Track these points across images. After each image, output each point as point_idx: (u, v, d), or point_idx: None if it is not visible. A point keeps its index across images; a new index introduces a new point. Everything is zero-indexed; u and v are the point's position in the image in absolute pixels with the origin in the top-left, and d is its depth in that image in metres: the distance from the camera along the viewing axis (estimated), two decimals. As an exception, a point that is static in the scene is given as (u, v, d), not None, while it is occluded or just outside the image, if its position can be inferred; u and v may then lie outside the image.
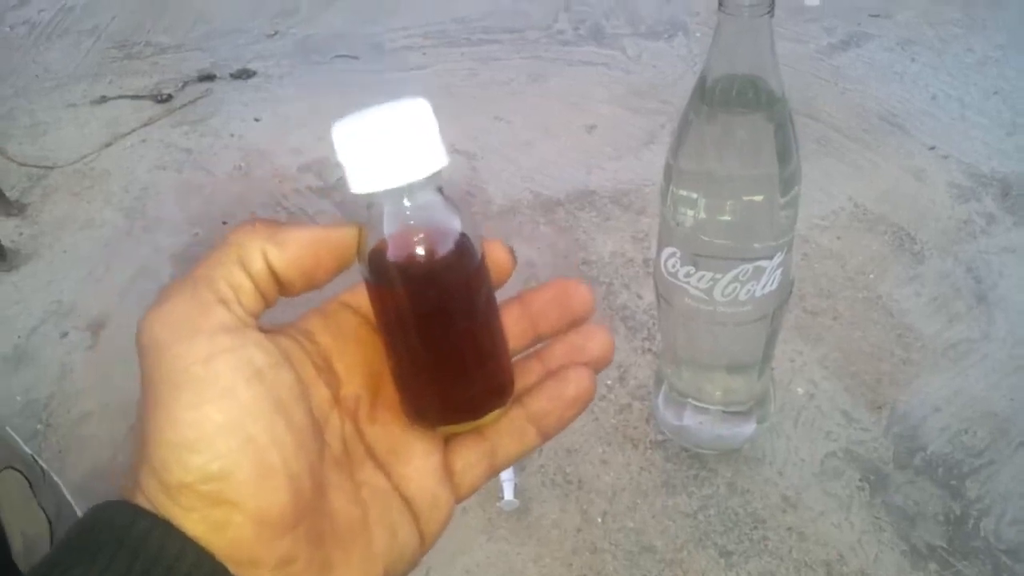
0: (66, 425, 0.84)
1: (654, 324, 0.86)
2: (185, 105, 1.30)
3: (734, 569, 0.68)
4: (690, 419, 0.73)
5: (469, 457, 0.30)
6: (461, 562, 0.70)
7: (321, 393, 0.28)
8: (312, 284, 0.27)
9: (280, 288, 0.27)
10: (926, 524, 0.70)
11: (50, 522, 0.62)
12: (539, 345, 0.31)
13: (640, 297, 0.90)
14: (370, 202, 0.27)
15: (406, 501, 0.29)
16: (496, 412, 0.29)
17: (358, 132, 0.26)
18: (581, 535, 0.71)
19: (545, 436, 0.30)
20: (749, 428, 0.74)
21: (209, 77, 1.36)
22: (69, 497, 0.67)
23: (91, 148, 1.23)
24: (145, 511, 0.24)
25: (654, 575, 0.68)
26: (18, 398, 0.87)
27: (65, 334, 0.94)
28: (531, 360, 0.31)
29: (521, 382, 0.30)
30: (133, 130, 1.25)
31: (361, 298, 0.29)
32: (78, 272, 1.02)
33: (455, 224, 0.27)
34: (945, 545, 0.68)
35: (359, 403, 0.29)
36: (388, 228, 0.27)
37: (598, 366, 0.30)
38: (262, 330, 0.26)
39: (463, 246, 0.27)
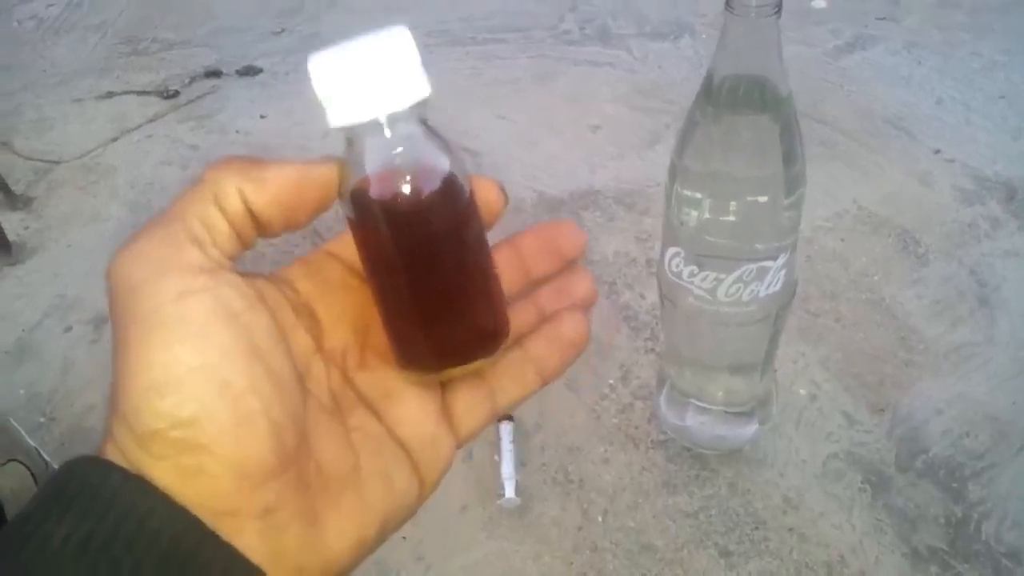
0: (69, 418, 0.84)
1: (657, 324, 0.86)
2: (191, 101, 1.30)
3: (734, 569, 0.68)
4: (692, 419, 0.73)
5: (469, 399, 0.29)
6: (461, 560, 0.70)
7: (302, 340, 0.27)
8: (292, 224, 0.26)
9: (258, 228, 0.25)
10: (927, 526, 0.70)
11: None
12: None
13: (643, 297, 0.90)
14: (351, 137, 0.25)
15: (402, 445, 0.27)
16: (489, 357, 0.28)
17: (335, 63, 0.24)
18: (582, 534, 0.71)
19: (545, 379, 0.30)
20: (751, 429, 0.74)
21: (215, 74, 1.36)
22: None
23: (97, 143, 1.23)
24: (114, 466, 0.22)
25: (654, 574, 0.68)
26: (22, 391, 0.88)
27: (69, 328, 0.94)
28: (524, 302, 0.30)
29: (517, 324, 0.29)
30: (139, 126, 1.26)
31: (346, 247, 0.28)
32: (82, 266, 1.03)
33: (441, 159, 0.26)
34: (946, 548, 0.68)
35: (347, 352, 0.28)
36: (370, 164, 0.25)
37: (584, 306, 0.30)
38: (239, 274, 0.25)
39: (450, 183, 0.26)
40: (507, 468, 0.73)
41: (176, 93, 1.32)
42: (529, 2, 1.49)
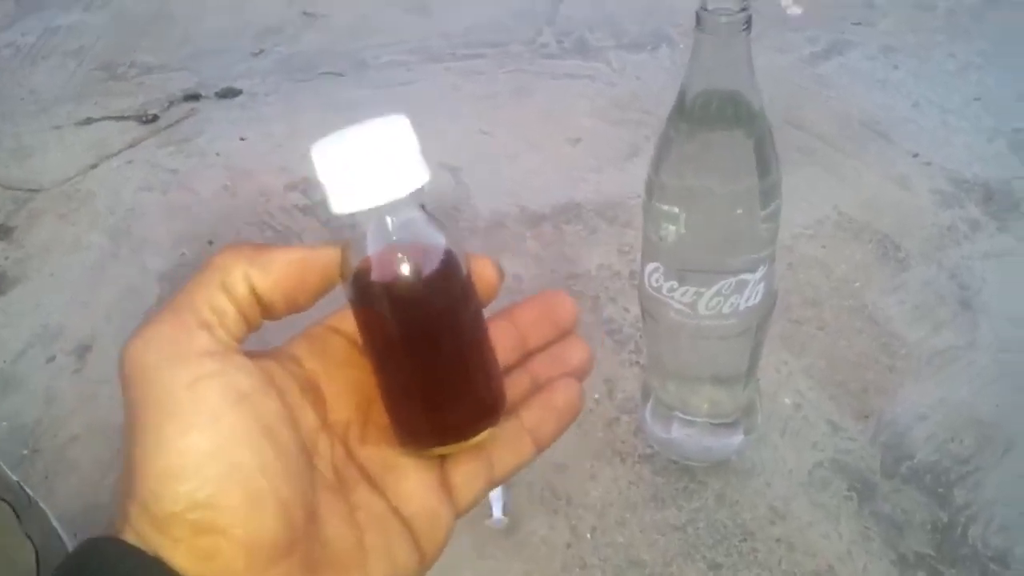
0: (53, 450, 0.84)
1: (641, 337, 0.86)
2: (171, 125, 1.30)
3: (724, 582, 0.68)
4: (677, 432, 0.73)
5: (467, 471, 0.29)
6: (451, 581, 0.70)
7: (308, 418, 0.27)
8: (296, 306, 0.27)
9: (264, 311, 0.26)
10: (914, 532, 0.70)
11: (36, 550, 0.61)
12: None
13: (627, 310, 0.90)
14: (353, 222, 0.26)
15: (403, 521, 0.28)
16: (488, 431, 0.28)
17: (337, 152, 0.25)
18: (571, 551, 0.71)
19: (540, 447, 0.31)
20: (736, 439, 0.74)
21: (194, 97, 1.36)
22: (56, 524, 0.67)
23: (77, 170, 1.23)
24: (133, 548, 0.23)
25: (644, 590, 0.68)
26: (4, 424, 0.87)
27: (52, 358, 0.94)
28: (519, 372, 0.31)
29: (512, 394, 0.30)
30: (119, 151, 1.25)
31: (348, 321, 0.28)
32: (64, 295, 1.02)
33: (439, 241, 0.27)
34: (933, 553, 0.68)
35: (349, 427, 0.29)
36: (371, 247, 0.26)
37: (579, 375, 0.31)
38: (246, 355, 0.26)
39: (448, 263, 0.26)
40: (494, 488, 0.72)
41: (155, 117, 1.31)
42: (507, 16, 1.49)
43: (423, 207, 0.27)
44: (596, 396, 0.82)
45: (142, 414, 0.24)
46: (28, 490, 0.67)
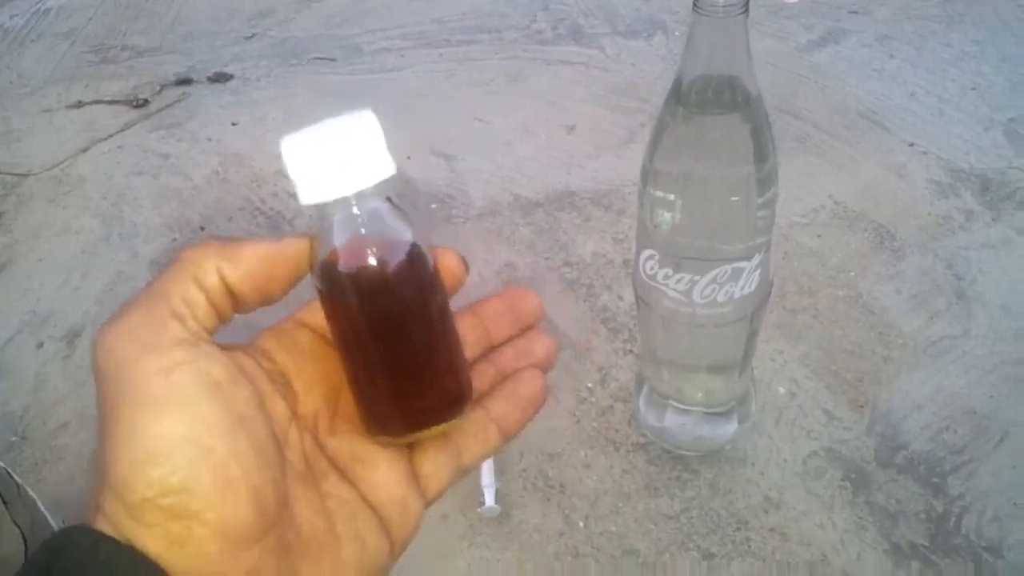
0: (42, 436, 0.83)
1: (635, 325, 0.86)
2: (162, 109, 1.29)
3: (717, 571, 0.68)
4: (671, 420, 0.73)
5: (435, 460, 0.30)
6: (442, 569, 0.69)
7: (279, 409, 0.28)
8: (266, 298, 0.27)
9: (235, 303, 0.27)
10: (908, 522, 0.70)
11: (24, 538, 0.61)
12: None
13: (621, 298, 0.90)
14: (320, 213, 0.27)
15: (373, 509, 0.28)
16: (455, 420, 0.29)
17: (305, 144, 0.26)
18: (563, 539, 0.71)
19: (506, 436, 0.31)
20: (731, 428, 0.73)
21: (186, 81, 1.34)
22: (44, 511, 0.66)
23: (67, 154, 1.21)
24: (106, 535, 0.23)
25: (637, 578, 0.68)
26: (-7, 410, 0.86)
27: (41, 344, 0.93)
28: (484, 364, 0.32)
29: (478, 385, 0.30)
30: (110, 135, 1.24)
31: (317, 315, 0.29)
32: (54, 280, 1.01)
33: (405, 233, 0.27)
34: (927, 543, 0.68)
35: (318, 418, 0.29)
36: (339, 239, 0.27)
37: (543, 367, 0.32)
38: (218, 346, 0.26)
39: (413, 255, 0.27)
40: (487, 476, 0.72)
41: (146, 102, 1.30)
42: (501, 3, 1.48)
43: (390, 200, 0.27)
44: (590, 385, 0.82)
45: (115, 403, 0.24)
46: (16, 477, 0.67)
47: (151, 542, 0.23)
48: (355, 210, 0.27)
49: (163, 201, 1.11)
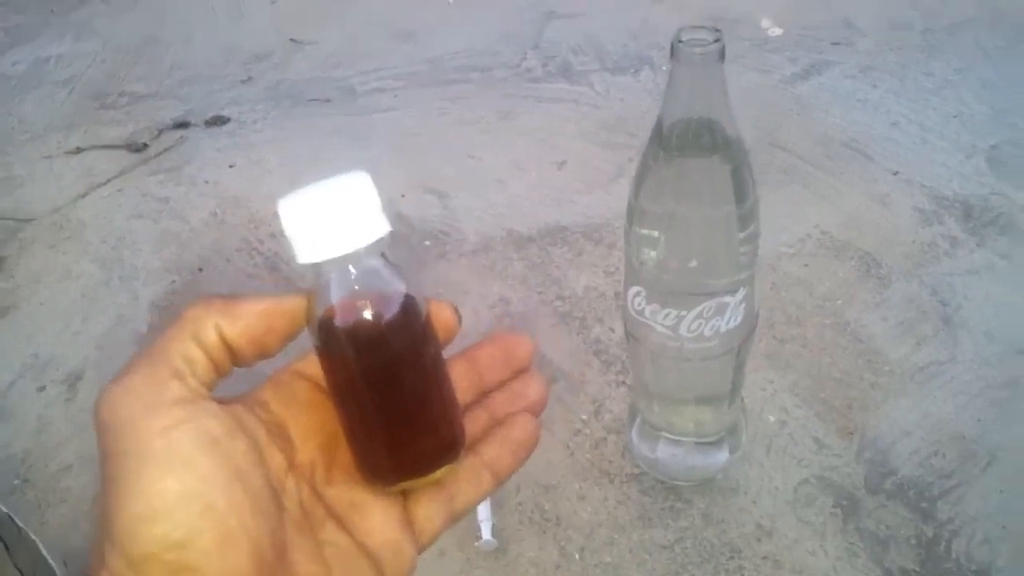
0: (44, 479, 0.84)
1: (627, 358, 0.87)
2: (160, 153, 1.31)
3: (712, 600, 0.69)
4: (664, 451, 0.74)
5: (429, 506, 0.31)
6: (442, 604, 0.70)
7: (276, 459, 0.29)
8: (264, 353, 0.28)
9: (233, 358, 0.28)
10: (899, 548, 0.71)
11: (28, 581, 0.62)
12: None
13: (613, 331, 0.91)
14: (317, 272, 0.28)
15: (369, 555, 0.29)
16: (448, 467, 0.30)
17: (302, 205, 0.27)
18: (560, 572, 0.72)
19: (499, 480, 0.32)
20: (722, 458, 0.75)
21: (183, 124, 1.37)
22: (46, 554, 0.67)
23: (67, 199, 1.23)
24: None
25: (633, 609, 0.69)
26: (-4, 454, 0.87)
27: (43, 388, 0.94)
28: (477, 410, 0.33)
29: (469, 429, 0.31)
30: (109, 180, 1.26)
31: (313, 366, 0.30)
32: (55, 325, 1.03)
33: (399, 288, 0.28)
34: (918, 568, 0.69)
35: (315, 467, 0.30)
36: (335, 296, 0.28)
37: (535, 410, 0.33)
38: (217, 401, 0.27)
39: (408, 309, 0.28)
40: (483, 510, 0.73)
41: (145, 146, 1.32)
42: (492, 41, 1.51)
43: (384, 256, 0.28)
44: (584, 417, 0.83)
45: (118, 461, 0.25)
46: (18, 521, 0.68)
47: None
48: (351, 268, 0.28)
49: (162, 244, 1.13)
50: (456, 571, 0.72)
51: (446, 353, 0.31)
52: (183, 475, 0.25)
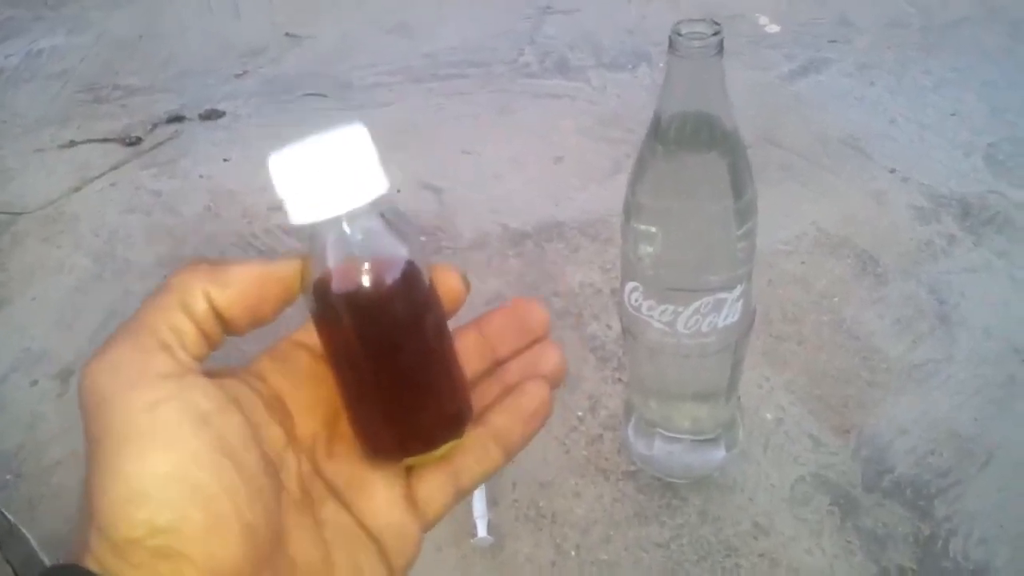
0: (36, 474, 0.84)
1: (624, 354, 0.87)
2: (154, 147, 1.30)
3: (708, 598, 0.69)
4: (660, 448, 0.74)
5: (433, 483, 0.29)
6: (436, 601, 0.70)
7: (274, 434, 0.27)
8: (258, 321, 0.27)
9: (225, 327, 0.26)
10: (896, 546, 0.71)
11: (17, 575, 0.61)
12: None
13: (609, 327, 0.91)
14: (312, 233, 0.26)
15: (371, 535, 0.28)
16: (453, 441, 0.28)
17: (294, 162, 0.25)
18: (555, 569, 0.71)
19: (508, 453, 0.30)
20: (718, 455, 0.74)
21: (178, 118, 1.36)
22: (37, 549, 0.67)
23: (60, 193, 1.22)
24: (92, 574, 0.23)
25: (629, 607, 0.69)
26: (-13, 449, 0.87)
27: (35, 382, 0.94)
28: (489, 381, 0.31)
29: (480, 402, 0.29)
30: (102, 174, 1.26)
31: (314, 336, 0.28)
32: (48, 319, 1.02)
33: (400, 251, 0.26)
34: (915, 567, 0.69)
35: (316, 440, 0.28)
36: (332, 259, 0.26)
37: (553, 381, 0.30)
38: (209, 374, 0.26)
39: (409, 274, 0.26)
40: (479, 507, 0.73)
41: (138, 140, 1.31)
42: (489, 37, 1.50)
43: (384, 216, 0.27)
44: (580, 413, 0.82)
45: (101, 440, 0.23)
46: (9, 516, 0.67)
47: None
48: (348, 229, 0.26)
49: (155, 238, 1.12)
50: (451, 567, 0.72)
51: (455, 322, 0.29)
52: (169, 454, 0.23)
